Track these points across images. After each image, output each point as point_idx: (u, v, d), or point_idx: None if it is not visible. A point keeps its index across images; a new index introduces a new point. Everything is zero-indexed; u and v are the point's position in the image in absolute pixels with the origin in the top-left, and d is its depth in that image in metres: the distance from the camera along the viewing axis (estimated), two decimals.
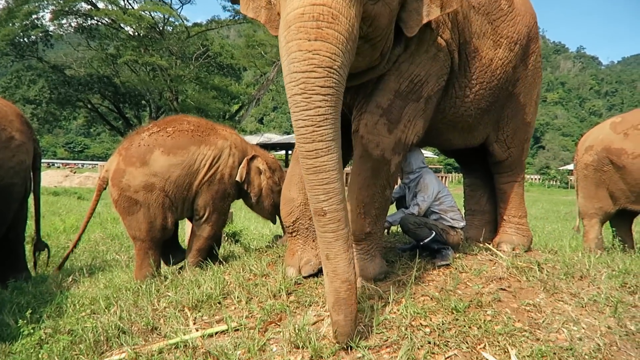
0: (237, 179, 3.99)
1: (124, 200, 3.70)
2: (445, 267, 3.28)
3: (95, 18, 21.57)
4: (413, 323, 2.52)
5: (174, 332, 2.69)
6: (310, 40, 2.12)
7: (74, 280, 4.40)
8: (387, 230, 3.89)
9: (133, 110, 25.27)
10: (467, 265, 3.31)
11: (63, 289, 4.04)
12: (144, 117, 25.46)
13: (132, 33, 22.36)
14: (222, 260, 4.05)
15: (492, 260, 3.46)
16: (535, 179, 39.54)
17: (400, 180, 3.74)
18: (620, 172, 4.50)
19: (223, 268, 3.67)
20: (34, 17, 19.99)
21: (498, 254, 3.56)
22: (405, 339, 2.35)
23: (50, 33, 21.18)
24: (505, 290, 2.94)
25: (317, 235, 2.34)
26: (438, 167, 40.20)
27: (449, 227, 3.47)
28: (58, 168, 37.57)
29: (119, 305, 3.15)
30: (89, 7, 21.03)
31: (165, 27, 23.39)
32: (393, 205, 3.83)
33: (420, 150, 3.73)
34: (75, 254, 6.02)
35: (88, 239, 7.26)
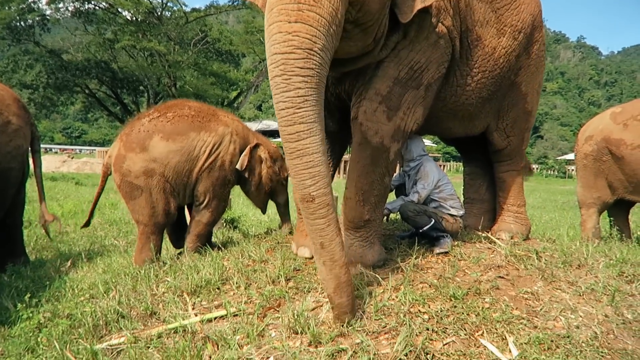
0: (237, 167, 3.97)
1: (126, 186, 3.72)
2: (444, 254, 3.29)
3: (93, 2, 21.32)
4: (411, 310, 2.54)
5: (173, 317, 2.70)
6: (291, 22, 2.10)
7: (73, 265, 4.41)
8: (386, 218, 3.89)
9: (131, 96, 25.11)
10: (465, 253, 3.31)
11: (61, 274, 4.05)
12: (142, 103, 25.32)
13: (129, 18, 22.10)
14: (220, 246, 4.05)
15: (490, 249, 3.46)
16: (533, 169, 39.43)
17: (401, 168, 3.73)
18: (619, 162, 4.50)
19: (222, 254, 3.68)
20: (31, 0, 19.75)
21: (497, 242, 3.57)
22: (404, 326, 2.36)
23: (47, 17, 20.91)
24: (504, 278, 2.95)
25: (306, 224, 2.31)
26: (436, 155, 40.13)
27: (448, 215, 3.47)
28: (55, 153, 37.31)
29: (118, 290, 3.16)
30: None
31: (164, 12, 23.15)
32: (392, 193, 3.83)
33: (421, 138, 3.71)
34: (73, 239, 6.02)
35: None
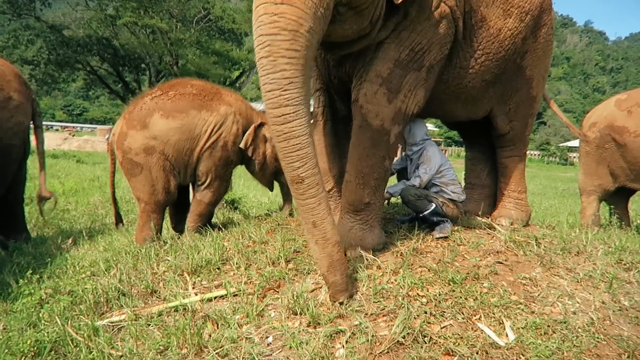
0: (241, 146, 3.97)
1: (127, 163, 3.74)
2: (444, 239, 3.29)
3: None
4: (410, 293, 2.55)
5: (173, 295, 2.73)
6: (277, 4, 2.10)
7: (74, 243, 4.43)
8: (387, 201, 3.89)
9: (132, 74, 24.85)
10: (465, 238, 3.32)
11: (63, 251, 4.08)
12: (144, 81, 25.08)
13: None
14: (221, 227, 4.07)
15: (490, 234, 3.47)
16: (535, 155, 39.27)
17: (403, 152, 3.72)
18: (622, 149, 4.47)
19: (222, 234, 3.69)
20: None
21: (496, 228, 3.57)
22: (402, 309, 2.38)
23: None
24: (502, 264, 2.96)
25: (297, 205, 2.37)
26: (438, 140, 40.02)
27: (449, 200, 3.47)
28: (57, 131, 37.22)
29: (119, 268, 3.19)
30: None
31: None
32: (394, 177, 3.83)
33: (424, 122, 3.68)
34: (75, 217, 6.05)
35: (87, 203, 7.28)
